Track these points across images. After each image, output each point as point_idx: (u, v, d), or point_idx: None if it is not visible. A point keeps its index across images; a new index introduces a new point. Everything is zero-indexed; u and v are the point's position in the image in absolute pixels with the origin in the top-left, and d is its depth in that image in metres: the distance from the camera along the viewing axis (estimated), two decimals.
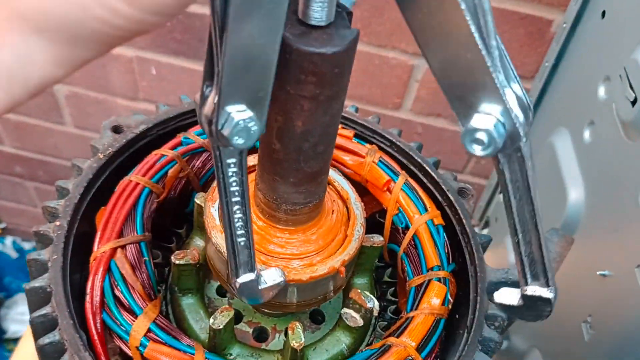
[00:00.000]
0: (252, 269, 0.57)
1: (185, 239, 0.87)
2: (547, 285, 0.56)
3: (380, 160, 0.83)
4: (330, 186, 0.74)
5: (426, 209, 0.80)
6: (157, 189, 0.79)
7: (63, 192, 0.79)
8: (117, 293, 0.70)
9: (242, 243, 0.55)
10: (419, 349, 0.70)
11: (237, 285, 0.57)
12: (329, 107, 0.54)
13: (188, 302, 0.80)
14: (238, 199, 0.52)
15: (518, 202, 0.51)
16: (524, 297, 0.57)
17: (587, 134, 1.05)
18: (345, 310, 0.76)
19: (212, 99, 0.44)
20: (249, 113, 0.44)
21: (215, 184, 0.73)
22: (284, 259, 0.68)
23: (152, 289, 0.74)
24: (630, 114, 0.90)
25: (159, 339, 0.67)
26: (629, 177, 0.90)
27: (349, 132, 0.86)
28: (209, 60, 0.44)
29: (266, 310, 0.83)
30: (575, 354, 1.03)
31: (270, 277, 0.60)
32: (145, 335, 0.67)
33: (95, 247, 0.73)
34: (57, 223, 0.75)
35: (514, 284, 0.80)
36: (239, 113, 0.44)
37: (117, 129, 0.85)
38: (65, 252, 0.73)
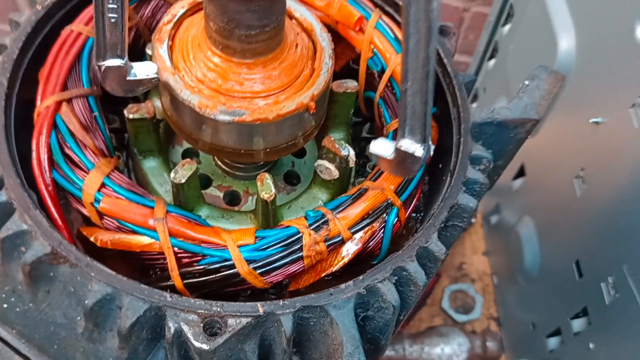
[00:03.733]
0: (121, 55, 0.53)
1: (143, 102, 0.80)
2: (422, 142, 0.54)
3: None
4: (292, 19, 0.67)
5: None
6: None
7: (0, 48, 0.71)
8: (66, 149, 0.63)
9: (113, 20, 0.50)
10: (398, 192, 0.65)
11: (102, 69, 0.53)
12: None
13: (150, 165, 0.74)
14: None
15: (415, 46, 0.48)
16: (397, 150, 0.55)
17: None
18: (319, 162, 0.71)
19: None
20: None
21: (161, 23, 0.65)
22: (245, 97, 0.61)
23: (107, 148, 0.67)
24: None
25: (115, 193, 0.61)
26: (623, 11, 0.83)
27: None
28: None
29: (236, 173, 0.77)
30: (568, 212, 1.00)
31: (143, 69, 0.55)
32: (99, 190, 0.61)
33: (38, 102, 0.66)
34: None
35: (501, 126, 0.75)
36: None
37: None
38: (7, 111, 0.66)
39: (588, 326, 0.96)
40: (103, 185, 0.62)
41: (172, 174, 0.65)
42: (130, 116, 0.68)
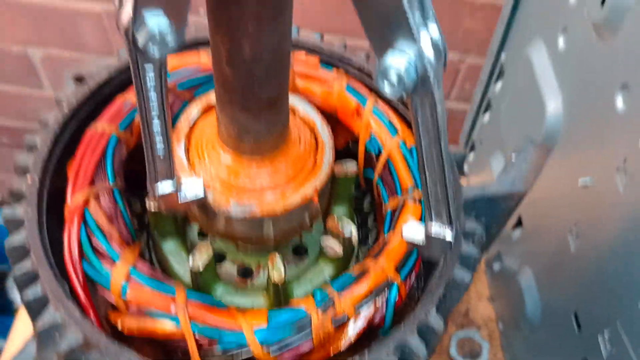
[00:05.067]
0: (171, 180, 0.60)
1: None
2: (449, 224, 0.59)
3: (348, 86, 0.82)
4: (295, 114, 0.73)
5: (397, 131, 0.79)
6: (125, 136, 0.78)
7: (32, 148, 0.78)
8: (95, 242, 0.70)
9: (161, 154, 0.56)
10: (398, 269, 0.71)
11: (157, 196, 0.60)
12: (276, 26, 0.52)
13: (169, 246, 0.80)
14: (156, 109, 0.52)
15: (427, 144, 0.53)
16: (427, 235, 0.61)
17: (561, 42, 1.03)
18: (324, 240, 0.77)
19: (129, 1, 0.43)
20: (165, 20, 0.44)
21: (178, 124, 0.72)
22: (255, 192, 0.67)
23: (130, 235, 0.74)
24: (600, 14, 0.88)
25: (140, 282, 0.67)
26: (604, 81, 0.89)
27: (314, 59, 0.84)
28: None
29: (248, 248, 0.83)
30: (563, 266, 1.04)
31: (191, 190, 0.62)
32: (125, 280, 0.67)
33: (68, 199, 0.72)
34: (28, 179, 0.74)
35: (491, 200, 0.81)
36: (154, 19, 0.43)
37: (79, 79, 0.83)
38: (40, 206, 0.73)
39: None
40: (129, 275, 0.68)
41: (190, 261, 0.71)
42: (152, 209, 0.75)
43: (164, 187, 0.61)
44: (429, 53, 0.46)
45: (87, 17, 1.72)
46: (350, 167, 0.79)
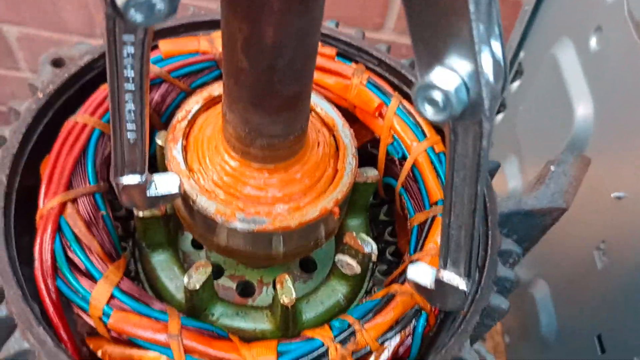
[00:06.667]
0: (140, 171, 0.50)
1: None
2: (466, 276, 0.50)
3: (369, 81, 0.72)
4: (313, 113, 0.63)
5: (425, 135, 0.70)
6: (109, 129, 0.67)
7: (0, 141, 0.67)
8: (71, 255, 0.59)
9: (131, 139, 0.46)
10: None
11: (120, 187, 0.50)
12: (306, 7, 0.42)
13: (159, 259, 0.70)
14: (132, 87, 0.43)
15: (461, 181, 0.44)
16: (437, 281, 0.51)
17: (593, 42, 0.94)
18: (339, 256, 0.67)
19: None
20: None
21: (174, 120, 0.62)
22: (266, 203, 0.57)
23: (114, 247, 0.63)
24: None
25: (125, 306, 0.57)
26: None
27: (331, 50, 0.74)
28: None
29: (249, 263, 0.73)
30: (587, 283, 0.97)
31: (164, 184, 0.51)
32: (108, 303, 0.57)
33: (40, 203, 0.61)
34: None
35: (527, 216, 0.72)
36: None
37: (58, 62, 0.72)
38: (7, 211, 0.62)
39: None
40: (112, 296, 0.57)
41: (185, 279, 0.60)
42: (140, 214, 0.64)
43: (130, 177, 0.50)
44: (489, 75, 0.37)
45: None
46: (371, 174, 0.69)
